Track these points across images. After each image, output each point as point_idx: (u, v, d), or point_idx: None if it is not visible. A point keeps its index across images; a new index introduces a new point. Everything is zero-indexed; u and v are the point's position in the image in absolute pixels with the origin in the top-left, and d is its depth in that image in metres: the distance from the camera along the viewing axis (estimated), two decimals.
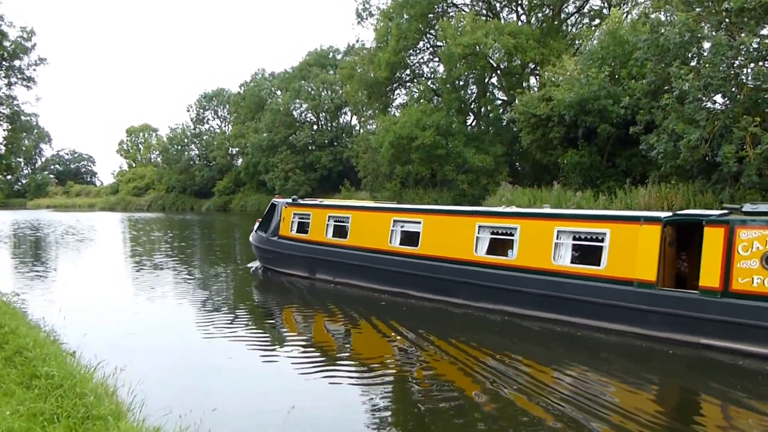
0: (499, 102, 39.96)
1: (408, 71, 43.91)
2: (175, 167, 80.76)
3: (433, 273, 12.73)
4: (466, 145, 33.81)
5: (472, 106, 41.04)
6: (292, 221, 16.65)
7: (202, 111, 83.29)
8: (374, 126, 46.28)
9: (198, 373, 8.21)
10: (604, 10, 35.54)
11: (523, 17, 39.10)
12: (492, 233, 12.11)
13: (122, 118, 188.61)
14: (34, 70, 27.74)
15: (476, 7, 39.74)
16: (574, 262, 10.79)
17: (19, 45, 26.58)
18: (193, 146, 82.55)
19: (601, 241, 10.36)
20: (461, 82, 39.03)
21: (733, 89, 17.77)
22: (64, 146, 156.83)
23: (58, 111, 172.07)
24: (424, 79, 43.75)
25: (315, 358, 9.02)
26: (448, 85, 37.73)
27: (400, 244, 13.76)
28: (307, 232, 16.12)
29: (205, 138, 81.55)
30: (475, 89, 40.65)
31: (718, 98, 18.90)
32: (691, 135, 17.48)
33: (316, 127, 62.95)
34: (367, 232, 14.53)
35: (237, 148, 72.88)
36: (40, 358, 6.46)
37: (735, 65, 17.64)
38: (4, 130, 27.93)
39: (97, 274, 18.84)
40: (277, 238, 17.00)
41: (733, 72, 17.62)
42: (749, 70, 17.69)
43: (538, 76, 35.76)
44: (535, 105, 26.19)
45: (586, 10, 38.52)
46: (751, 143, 16.89)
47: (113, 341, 9.31)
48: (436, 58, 41.69)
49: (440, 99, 39.15)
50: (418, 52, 42.99)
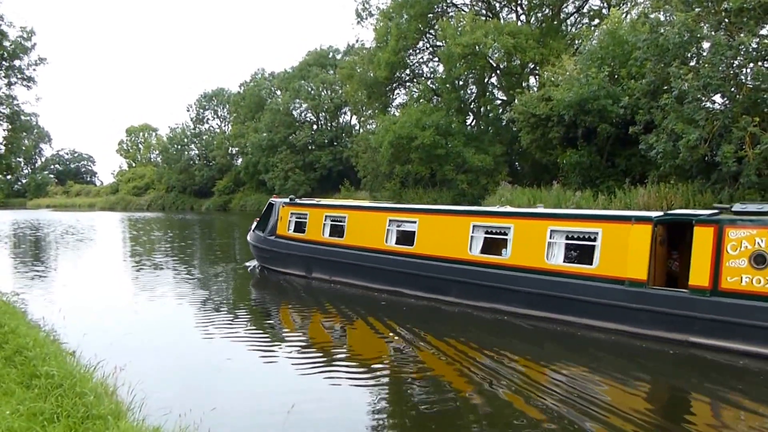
0: (499, 102, 39.98)
1: (408, 71, 43.92)
2: (175, 167, 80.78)
3: (429, 272, 12.80)
4: (466, 145, 33.81)
5: (472, 106, 41.05)
6: (290, 221, 16.69)
7: (201, 111, 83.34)
8: (374, 126, 46.28)
9: (198, 373, 8.23)
10: (604, 10, 35.57)
11: (523, 17, 39.12)
12: (486, 232, 12.19)
13: (122, 118, 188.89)
14: (34, 70, 27.79)
15: (476, 7, 39.75)
16: (567, 262, 10.85)
17: (19, 45, 26.59)
18: (192, 146, 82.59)
19: (594, 240, 10.42)
20: (461, 82, 39.04)
21: (733, 89, 17.78)
22: (64, 146, 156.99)
23: (58, 111, 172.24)
24: (423, 78, 43.76)
25: (314, 357, 9.03)
26: (448, 85, 37.73)
27: (396, 244, 13.83)
28: (304, 232, 16.17)
29: (204, 138, 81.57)
30: (475, 89, 40.67)
31: (718, 98, 18.90)
32: (691, 135, 17.49)
33: (315, 127, 62.96)
34: (363, 231, 14.59)
35: (237, 148, 72.90)
36: (39, 357, 6.47)
37: (734, 65, 17.64)
38: (4, 130, 27.96)
39: (97, 274, 18.85)
40: (274, 238, 17.04)
41: (732, 72, 17.62)
42: (748, 70, 17.70)
43: (537, 76, 35.76)
44: (534, 105, 26.19)
45: (585, 10, 38.57)
46: (750, 143, 16.90)
47: (113, 341, 9.32)
48: (436, 58, 41.67)
49: (440, 99, 39.15)
50: (418, 52, 43.02)
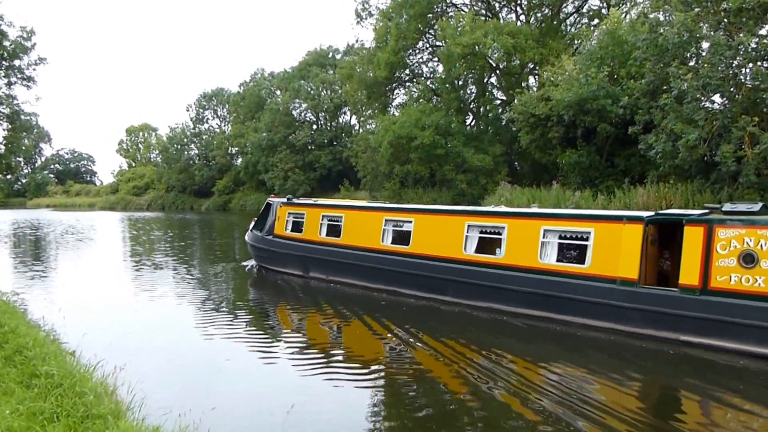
0: (498, 102, 39.97)
1: (407, 71, 43.90)
2: (175, 167, 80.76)
3: (424, 271, 12.90)
4: (465, 145, 33.80)
5: (471, 106, 41.04)
6: (287, 220, 16.78)
7: (201, 110, 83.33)
8: (373, 126, 46.28)
9: (197, 373, 8.24)
10: (603, 10, 35.56)
11: (522, 17, 39.12)
12: (481, 232, 12.29)
13: (122, 118, 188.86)
14: (34, 70, 27.85)
15: (475, 7, 39.75)
16: (560, 261, 10.95)
17: (19, 45, 26.63)
18: (192, 146, 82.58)
19: (586, 240, 10.53)
20: (460, 82, 39.04)
21: (732, 89, 17.78)
22: (64, 146, 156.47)
23: (58, 110, 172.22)
24: (423, 78, 43.75)
25: (313, 357, 9.05)
26: (447, 85, 37.73)
27: (392, 243, 13.94)
28: (301, 231, 16.26)
29: (204, 137, 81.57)
30: (474, 89, 40.66)
31: (717, 98, 18.90)
32: (690, 135, 17.50)
33: (315, 127, 62.97)
34: (359, 231, 14.69)
35: (236, 148, 72.86)
36: (39, 357, 6.48)
37: (733, 65, 17.64)
38: (4, 130, 28.01)
39: (97, 274, 18.85)
40: (272, 237, 17.13)
41: (731, 72, 17.62)
42: (748, 70, 17.70)
43: (537, 76, 35.77)
44: (534, 105, 26.17)
45: (585, 10, 38.57)
46: (750, 143, 16.91)
47: (113, 340, 9.33)
48: (436, 58, 41.64)
49: (439, 99, 39.14)
50: (418, 51, 42.99)
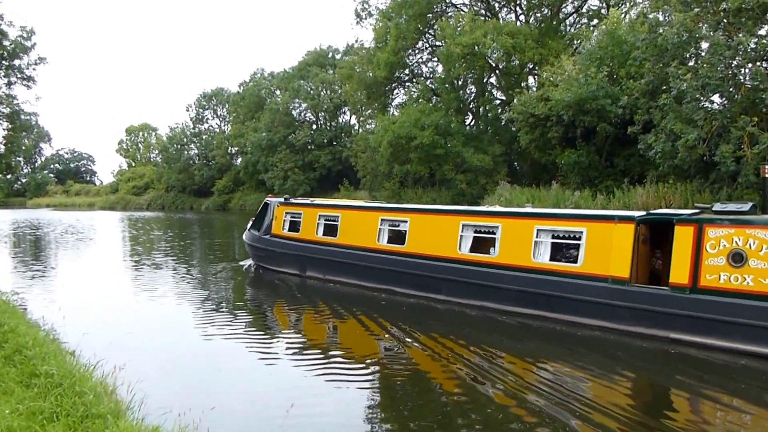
0: (498, 102, 39.97)
1: (407, 71, 43.90)
2: (175, 166, 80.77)
3: (420, 270, 12.99)
4: (465, 145, 33.80)
5: (471, 106, 41.05)
6: (284, 220, 16.86)
7: (201, 110, 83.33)
8: (373, 125, 46.28)
9: (197, 372, 8.25)
10: (603, 11, 35.57)
11: (522, 17, 39.12)
12: (475, 232, 12.40)
13: (122, 118, 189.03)
14: (34, 70, 27.88)
15: (475, 7, 39.76)
16: (553, 260, 11.04)
17: (19, 44, 26.65)
18: (192, 145, 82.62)
19: (579, 239, 10.63)
20: (460, 82, 39.06)
21: (731, 89, 17.80)
22: (64, 145, 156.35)
23: (58, 110, 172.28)
24: (422, 78, 43.75)
25: (312, 356, 9.06)
26: (447, 85, 37.75)
27: (388, 243, 14.02)
28: (298, 231, 16.33)
29: (204, 137, 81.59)
30: (474, 89, 40.67)
31: (716, 98, 18.92)
32: (689, 135, 17.52)
33: (315, 127, 62.98)
34: (356, 230, 14.79)
35: (236, 148, 72.88)
36: (39, 356, 6.49)
37: (733, 65, 17.67)
38: (4, 130, 28.04)
39: (97, 273, 18.86)
40: (269, 237, 17.20)
41: (730, 72, 17.65)
42: (747, 70, 17.72)
43: (536, 76, 35.77)
44: (533, 105, 26.18)
45: (584, 11, 38.57)
46: (749, 143, 16.93)
47: (112, 340, 9.34)
48: (435, 58, 41.65)
49: (439, 99, 39.15)
50: (417, 51, 42.99)
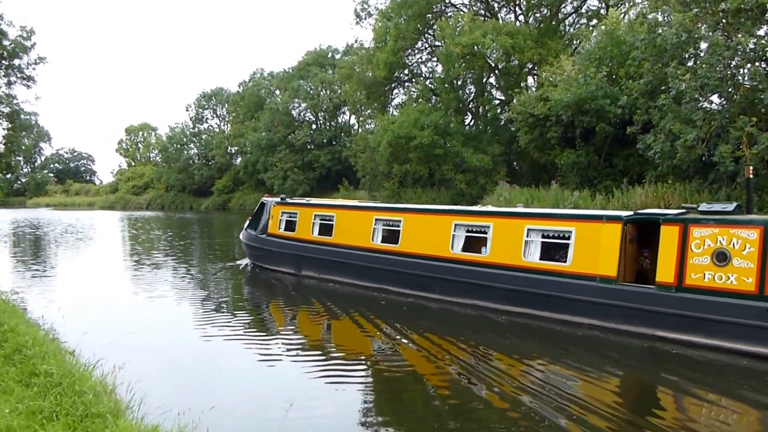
0: (497, 102, 39.94)
1: (406, 71, 43.84)
2: (174, 166, 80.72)
3: (413, 270, 13.13)
4: (464, 145, 33.78)
5: (470, 106, 41.03)
6: (281, 219, 16.99)
7: (201, 110, 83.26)
8: (373, 125, 46.27)
9: (196, 372, 8.27)
10: (602, 11, 35.58)
11: (521, 17, 39.11)
12: (467, 231, 12.54)
13: (121, 117, 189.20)
14: (34, 69, 27.84)
15: (474, 7, 39.75)
16: (543, 259, 11.17)
17: (19, 44, 26.63)
18: (192, 145, 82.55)
19: (568, 238, 10.77)
20: (459, 82, 39.01)
21: (730, 89, 17.81)
22: (64, 145, 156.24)
23: (58, 110, 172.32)
24: (422, 78, 43.71)
25: (311, 355, 9.09)
26: (446, 85, 37.71)
27: (382, 242, 14.17)
28: (294, 230, 16.45)
29: (204, 137, 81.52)
30: (473, 89, 40.63)
31: (715, 98, 18.95)
32: (688, 135, 17.55)
33: (314, 127, 62.94)
34: (350, 230, 14.92)
35: (236, 148, 72.86)
36: (39, 356, 6.50)
37: (732, 66, 17.67)
38: (3, 129, 28.03)
39: (97, 273, 18.88)
40: (266, 236, 17.33)
41: (729, 72, 17.65)
42: (746, 71, 17.71)
43: (535, 76, 35.78)
44: (532, 105, 26.17)
45: (583, 11, 38.56)
46: (748, 143, 16.95)
47: (112, 339, 9.36)
48: (435, 58, 41.60)
49: (438, 99, 39.13)
50: (417, 52, 42.92)
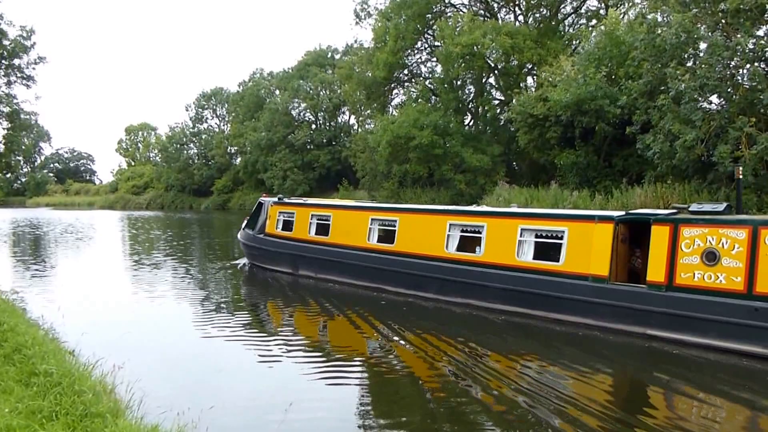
0: (497, 102, 39.95)
1: (406, 71, 43.87)
2: (174, 166, 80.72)
3: (408, 269, 13.22)
4: (464, 145, 33.81)
5: (470, 106, 41.03)
6: (278, 219, 17.08)
7: (200, 110, 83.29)
8: (372, 125, 46.28)
9: (196, 371, 8.28)
10: (601, 11, 35.59)
11: (521, 18, 39.13)
12: (462, 231, 12.65)
13: (121, 117, 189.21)
14: (34, 69, 27.90)
15: (474, 8, 39.77)
16: (536, 259, 11.26)
17: (19, 44, 26.68)
18: (191, 145, 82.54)
19: (561, 238, 10.87)
20: (459, 82, 39.01)
21: (729, 90, 17.83)
22: (64, 145, 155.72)
23: (58, 110, 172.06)
24: (421, 78, 43.73)
25: (310, 355, 9.10)
26: (446, 85, 37.71)
27: (378, 242, 14.25)
28: (291, 230, 16.53)
29: (203, 137, 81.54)
30: (473, 89, 40.64)
31: (714, 99, 18.97)
32: (687, 135, 17.58)
33: (314, 127, 62.98)
34: (347, 230, 15.01)
35: (236, 147, 72.90)
36: (38, 355, 6.51)
37: (731, 66, 17.70)
38: (3, 129, 28.07)
39: (96, 273, 18.87)
40: (263, 236, 17.41)
41: (728, 73, 17.68)
42: (745, 71, 17.74)
43: (535, 77, 35.79)
44: (532, 105, 26.19)
45: (583, 11, 38.59)
46: (747, 143, 16.98)
47: (112, 339, 9.38)
48: (434, 58, 41.60)
49: (438, 99, 39.13)
50: (416, 52, 42.91)
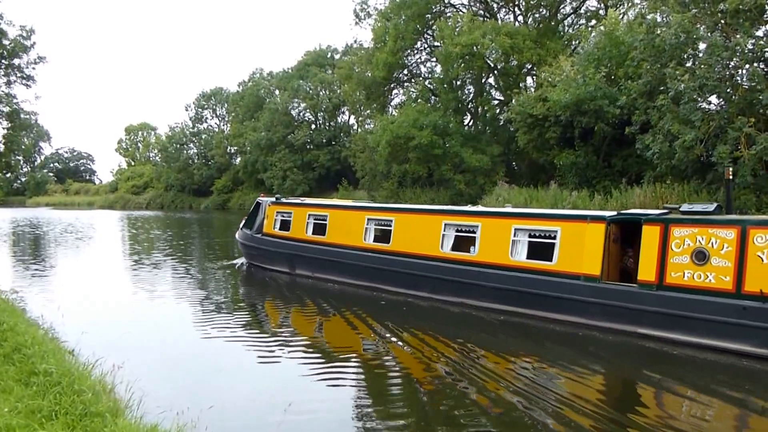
0: (496, 102, 39.99)
1: (405, 71, 43.91)
2: (174, 166, 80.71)
3: (404, 268, 13.29)
4: (463, 145, 33.84)
5: (469, 106, 41.06)
6: (275, 219, 17.14)
7: (200, 110, 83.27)
8: (372, 125, 46.29)
9: (195, 371, 8.29)
10: (601, 11, 35.61)
11: (520, 18, 39.16)
12: (457, 231, 12.74)
13: (121, 117, 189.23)
14: (34, 69, 27.90)
15: (473, 8, 39.79)
16: (530, 258, 11.33)
17: (19, 43, 26.69)
18: (191, 145, 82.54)
19: (553, 238, 10.95)
20: (458, 82, 39.05)
21: (728, 90, 17.87)
22: (64, 144, 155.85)
23: (58, 109, 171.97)
24: (421, 79, 43.78)
25: (309, 355, 9.11)
26: (446, 85, 37.74)
27: (374, 241, 14.34)
28: (288, 230, 16.59)
29: (203, 137, 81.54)
30: (472, 89, 40.68)
31: (713, 99, 19.00)
32: (686, 135, 17.61)
33: (314, 127, 62.99)
34: (343, 229, 15.08)
35: (235, 147, 72.88)
36: (38, 355, 6.52)
37: (730, 66, 17.73)
38: (3, 128, 28.09)
39: (96, 272, 18.87)
40: (261, 236, 17.49)
41: (728, 73, 17.70)
42: (744, 71, 17.78)
43: (534, 77, 35.80)
44: (531, 105, 26.23)
45: (582, 11, 38.62)
46: (746, 144, 17.00)
47: (111, 339, 9.39)
48: (434, 58, 41.67)
49: (437, 99, 39.15)
50: (416, 52, 42.96)
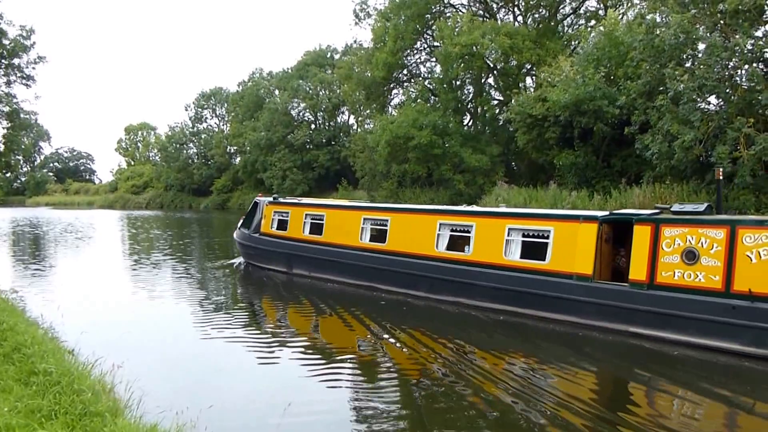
0: (496, 102, 39.97)
1: (405, 71, 43.86)
2: (174, 165, 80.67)
3: (400, 268, 13.39)
4: (463, 145, 33.81)
5: (469, 106, 41.04)
6: (273, 219, 17.26)
7: (200, 110, 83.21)
8: (371, 125, 46.28)
9: (195, 371, 8.30)
10: (600, 12, 35.61)
11: (520, 18, 39.13)
12: (451, 230, 12.84)
13: (121, 117, 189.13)
14: (34, 69, 27.91)
15: (473, 8, 39.79)
16: (523, 258, 11.41)
17: (19, 43, 26.69)
18: (191, 145, 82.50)
19: (546, 238, 11.04)
20: (458, 82, 39.02)
21: (728, 90, 17.88)
22: (63, 144, 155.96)
23: (58, 109, 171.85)
24: (421, 79, 43.74)
25: (308, 355, 9.13)
26: (445, 85, 37.71)
27: (370, 241, 14.45)
28: (286, 230, 16.69)
29: (203, 137, 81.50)
30: (472, 89, 40.64)
31: (713, 99, 19.01)
32: (686, 136, 17.63)
33: (313, 126, 62.95)
34: (340, 229, 15.19)
35: (235, 147, 72.85)
36: (38, 354, 6.53)
37: (729, 66, 17.75)
38: (3, 128, 28.10)
39: (96, 272, 18.89)
40: (258, 235, 17.59)
41: (727, 73, 17.72)
42: (743, 72, 17.79)
43: (534, 77, 35.81)
44: (531, 105, 26.22)
45: (582, 12, 38.61)
46: (745, 144, 17.02)
47: (111, 338, 9.40)
48: (433, 58, 41.64)
49: (437, 99, 39.13)
50: (415, 52, 42.89)
